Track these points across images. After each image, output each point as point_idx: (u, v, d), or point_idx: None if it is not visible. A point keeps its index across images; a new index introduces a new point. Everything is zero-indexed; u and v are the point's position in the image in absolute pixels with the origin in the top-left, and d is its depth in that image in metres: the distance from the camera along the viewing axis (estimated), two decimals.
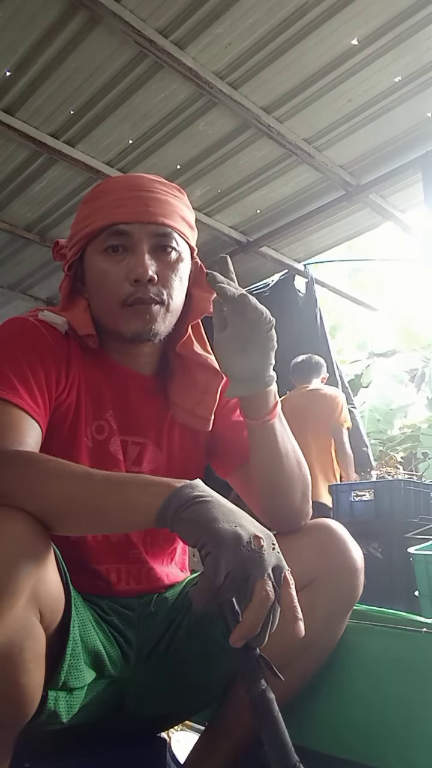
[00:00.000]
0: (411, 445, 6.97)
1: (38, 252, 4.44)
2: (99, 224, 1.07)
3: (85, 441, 1.06)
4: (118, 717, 1.06)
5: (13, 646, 0.76)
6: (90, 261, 1.09)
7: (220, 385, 1.14)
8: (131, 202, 1.07)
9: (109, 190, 1.11)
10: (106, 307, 1.08)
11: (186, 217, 1.12)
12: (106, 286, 1.07)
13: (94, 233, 1.07)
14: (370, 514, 3.52)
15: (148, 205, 1.07)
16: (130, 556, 1.09)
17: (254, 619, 0.74)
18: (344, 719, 1.13)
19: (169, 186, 1.12)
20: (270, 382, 1.03)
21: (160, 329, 1.07)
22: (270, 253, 4.55)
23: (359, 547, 1.09)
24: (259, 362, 1.01)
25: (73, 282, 1.13)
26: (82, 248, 1.10)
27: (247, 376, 1.02)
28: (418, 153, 3.48)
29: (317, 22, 2.69)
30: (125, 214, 1.06)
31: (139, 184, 1.09)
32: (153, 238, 1.07)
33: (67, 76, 2.96)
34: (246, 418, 1.07)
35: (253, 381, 1.02)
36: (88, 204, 1.12)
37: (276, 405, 1.06)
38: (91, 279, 1.10)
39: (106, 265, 1.07)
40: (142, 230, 1.06)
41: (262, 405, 1.04)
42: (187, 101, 3.14)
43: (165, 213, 1.08)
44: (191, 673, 1.08)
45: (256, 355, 1.00)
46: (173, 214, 1.09)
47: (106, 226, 1.06)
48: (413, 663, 1.08)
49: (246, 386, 1.03)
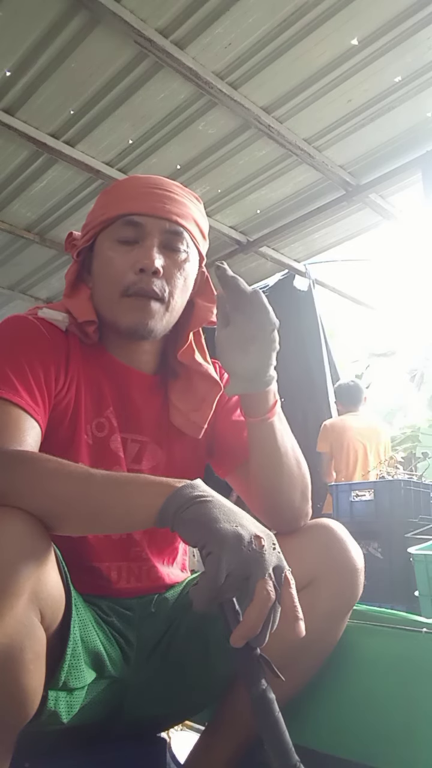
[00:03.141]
0: (411, 445, 6.97)
1: (38, 252, 4.43)
2: (113, 213, 1.08)
3: (85, 438, 1.06)
4: (118, 717, 1.06)
5: (13, 646, 0.75)
6: (100, 248, 1.10)
7: (218, 396, 1.15)
8: (148, 197, 1.08)
9: (129, 185, 1.13)
10: (108, 295, 1.08)
11: (200, 223, 1.13)
12: (110, 274, 1.07)
13: (108, 221, 1.09)
14: (370, 514, 3.53)
15: (165, 202, 1.08)
16: (132, 553, 1.09)
17: (255, 619, 0.74)
18: (344, 719, 1.13)
19: (188, 192, 1.14)
20: (270, 381, 1.04)
21: (156, 327, 1.07)
22: (270, 253, 4.55)
23: (359, 547, 1.09)
24: (261, 362, 1.01)
25: (80, 270, 1.14)
26: (95, 236, 1.10)
27: (247, 375, 1.02)
28: (418, 153, 3.47)
29: (317, 22, 2.69)
30: (140, 206, 1.07)
31: (159, 183, 1.11)
32: (164, 234, 1.07)
33: (67, 76, 2.96)
34: (245, 416, 1.08)
35: (254, 380, 1.03)
36: (106, 194, 1.14)
37: (275, 403, 1.07)
38: (97, 266, 1.10)
39: (115, 253, 1.07)
40: (155, 224, 1.07)
41: (262, 403, 1.05)
42: (187, 101, 3.14)
43: (180, 213, 1.09)
44: (191, 673, 1.08)
45: (258, 354, 1.01)
46: (187, 216, 1.10)
47: (120, 215, 1.07)
48: (413, 663, 1.08)
49: (246, 384, 1.03)
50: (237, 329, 1.00)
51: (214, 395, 1.14)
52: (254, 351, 1.01)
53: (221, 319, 1.02)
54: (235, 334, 1.01)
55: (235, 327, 1.01)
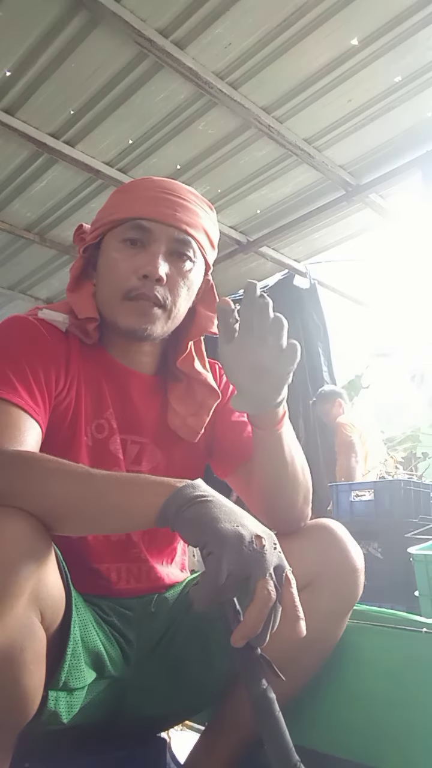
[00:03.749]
0: (411, 445, 6.96)
1: (38, 252, 4.43)
2: (123, 215, 1.08)
3: (85, 440, 1.06)
4: (118, 717, 1.06)
5: (13, 646, 0.75)
6: (106, 248, 1.10)
7: (216, 403, 1.14)
8: (160, 202, 1.07)
9: (143, 186, 1.12)
10: (109, 296, 1.08)
11: (209, 233, 1.12)
12: (113, 275, 1.07)
13: (116, 222, 1.08)
14: (370, 514, 3.53)
15: (175, 209, 1.07)
16: (130, 554, 1.09)
17: (256, 618, 0.74)
18: (344, 719, 1.13)
19: (201, 199, 1.13)
20: (280, 404, 1.01)
21: (155, 331, 1.07)
22: (270, 253, 4.55)
23: (359, 547, 1.09)
24: (271, 391, 0.98)
25: (86, 266, 1.13)
26: (102, 234, 1.10)
27: (256, 399, 1.00)
28: (418, 153, 3.47)
29: (317, 22, 2.69)
30: (151, 211, 1.07)
31: (172, 188, 1.10)
32: (172, 241, 1.07)
33: (67, 76, 2.96)
34: (252, 426, 1.07)
35: (264, 403, 1.00)
36: (119, 194, 1.13)
37: (284, 415, 1.05)
38: (102, 265, 1.10)
39: (120, 255, 1.07)
40: (163, 231, 1.06)
41: (271, 417, 1.03)
42: (187, 101, 3.14)
43: (189, 221, 1.08)
44: (191, 673, 1.08)
45: (271, 385, 0.97)
46: (197, 225, 1.09)
47: (129, 218, 1.07)
48: (413, 663, 1.08)
49: (254, 406, 1.01)
50: (248, 351, 0.95)
51: (212, 403, 1.14)
52: (267, 381, 0.97)
53: (225, 332, 0.96)
54: (245, 356, 0.95)
55: (241, 345, 0.95)
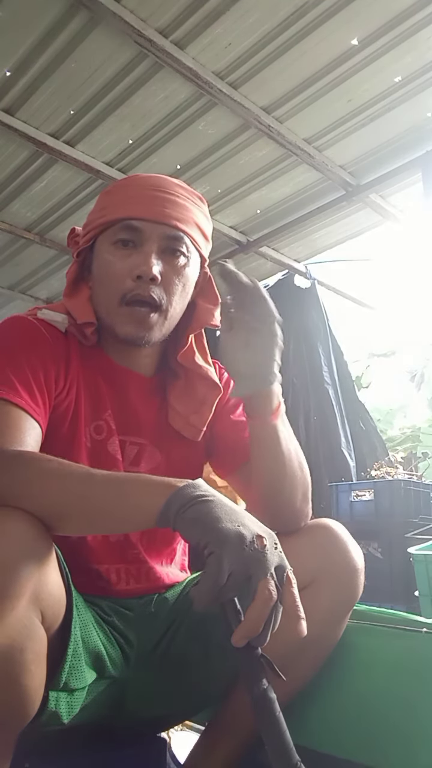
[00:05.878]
0: (411, 445, 6.97)
1: (38, 252, 4.42)
2: (113, 216, 1.07)
3: (84, 441, 1.06)
4: (118, 717, 1.06)
5: (14, 647, 0.75)
6: (99, 250, 1.10)
7: (218, 398, 1.14)
8: (149, 200, 1.07)
9: (130, 185, 1.12)
10: (106, 300, 1.08)
11: (201, 226, 1.12)
12: (109, 278, 1.07)
13: (107, 224, 1.08)
14: (370, 514, 3.52)
15: (165, 206, 1.07)
16: (129, 555, 1.09)
17: (257, 618, 0.74)
18: (344, 719, 1.13)
19: (191, 192, 1.12)
20: (273, 380, 1.04)
21: (154, 336, 1.07)
22: (270, 253, 4.55)
23: (359, 547, 1.09)
24: (264, 356, 1.01)
25: (81, 269, 1.13)
26: (94, 237, 1.10)
27: (251, 372, 1.02)
28: (418, 153, 3.47)
29: (317, 22, 2.69)
30: (140, 210, 1.06)
31: (160, 185, 1.10)
32: (164, 239, 1.07)
33: (67, 76, 2.96)
34: (248, 418, 1.07)
35: (257, 376, 1.02)
36: (108, 195, 1.13)
37: (279, 406, 1.06)
38: (96, 268, 1.10)
39: (113, 257, 1.07)
40: (154, 229, 1.06)
41: (266, 404, 1.04)
42: (187, 101, 3.14)
43: (180, 217, 1.08)
44: (192, 673, 1.08)
45: (261, 348, 1.01)
46: (188, 220, 1.09)
47: (119, 219, 1.07)
48: (413, 663, 1.08)
49: (249, 382, 1.03)
50: (240, 330, 1.01)
51: (214, 397, 1.14)
52: (256, 344, 1.01)
53: (225, 323, 1.02)
54: (238, 335, 1.01)
55: (238, 328, 1.01)
